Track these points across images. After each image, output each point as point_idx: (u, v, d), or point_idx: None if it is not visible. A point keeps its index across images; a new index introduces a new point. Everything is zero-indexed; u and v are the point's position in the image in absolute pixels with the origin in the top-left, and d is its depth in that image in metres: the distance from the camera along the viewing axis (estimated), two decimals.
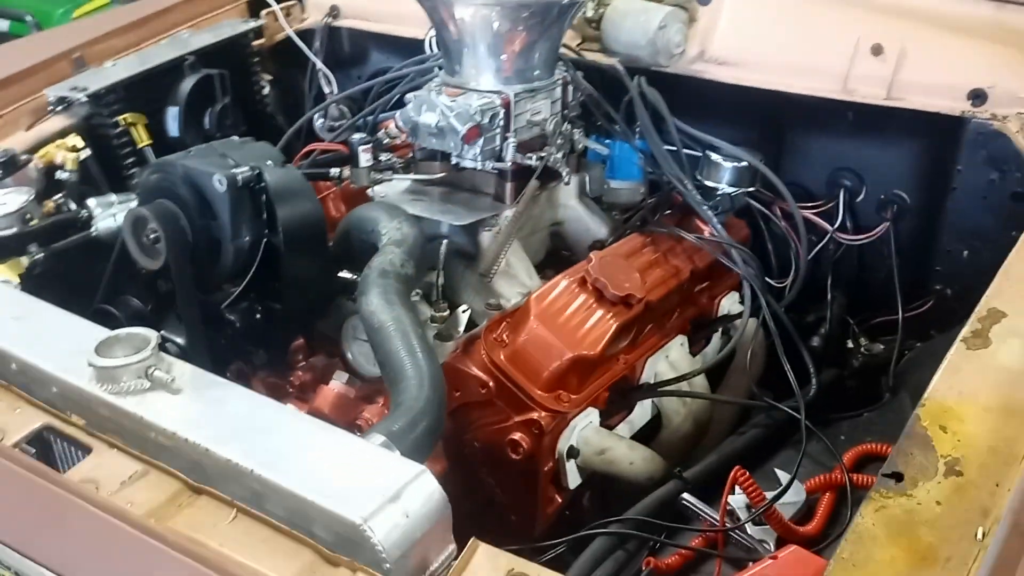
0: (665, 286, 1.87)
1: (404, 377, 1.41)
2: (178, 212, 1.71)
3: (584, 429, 1.73)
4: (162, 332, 1.69)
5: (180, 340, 1.81)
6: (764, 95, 2.14)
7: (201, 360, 1.79)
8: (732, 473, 1.52)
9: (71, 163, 2.16)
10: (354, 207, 2.17)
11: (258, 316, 1.77)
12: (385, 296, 1.55)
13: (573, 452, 1.71)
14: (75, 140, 2.21)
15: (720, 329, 2.20)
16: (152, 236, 1.72)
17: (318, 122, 2.54)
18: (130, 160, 2.23)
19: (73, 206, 2.07)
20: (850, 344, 2.14)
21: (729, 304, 2.24)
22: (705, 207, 1.98)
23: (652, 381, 1.94)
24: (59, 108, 2.26)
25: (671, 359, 1.99)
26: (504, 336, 1.72)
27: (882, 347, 2.12)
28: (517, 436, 1.66)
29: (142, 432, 1.21)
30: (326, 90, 2.76)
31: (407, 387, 1.39)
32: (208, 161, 1.74)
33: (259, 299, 1.77)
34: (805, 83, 2.11)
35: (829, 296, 2.22)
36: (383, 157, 2.11)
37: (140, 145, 2.19)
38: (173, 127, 2.43)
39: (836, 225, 2.20)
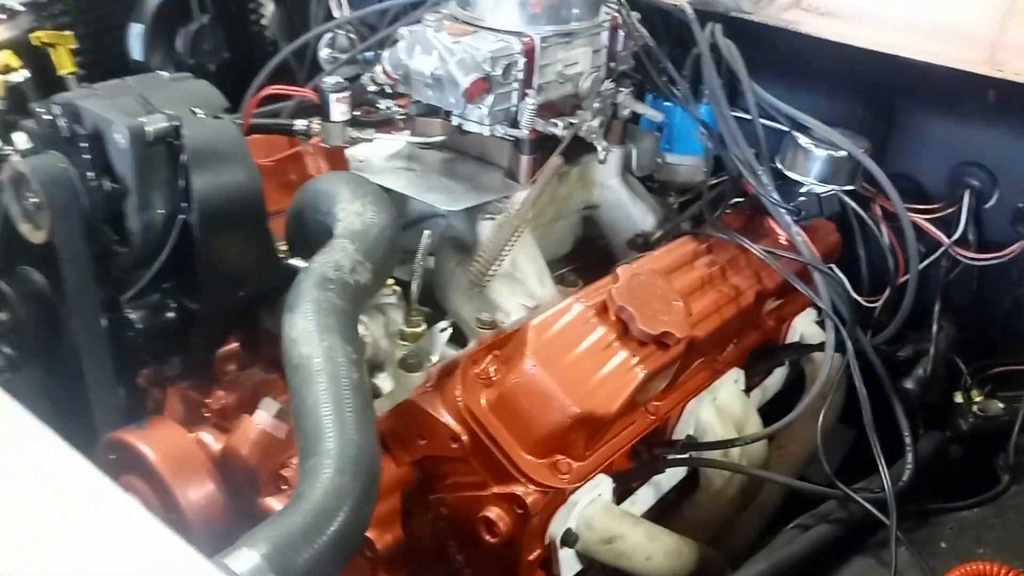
0: (719, 316, 1.39)
1: (318, 451, 0.97)
2: (69, 171, 1.28)
3: (589, 506, 1.28)
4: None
5: None
6: (877, 60, 1.61)
7: (100, 362, 1.38)
8: None
9: None
10: (338, 167, 1.74)
11: (170, 315, 1.34)
12: (318, 318, 1.10)
13: (570, 538, 1.26)
14: (9, 59, 1.81)
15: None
16: (34, 200, 1.29)
17: (323, 51, 2.08)
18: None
19: None
20: (958, 398, 1.63)
21: (803, 325, 1.75)
22: (784, 210, 1.47)
23: (691, 432, 1.48)
24: None
25: (720, 402, 1.52)
26: (490, 372, 1.26)
27: (1002, 406, 1.60)
28: (493, 513, 1.22)
29: None
30: (336, 13, 2.29)
31: (317, 470, 0.95)
32: (115, 104, 1.29)
33: (174, 293, 1.34)
34: (935, 48, 1.57)
35: (935, 327, 1.71)
36: (383, 105, 1.66)
37: (61, 72, 1.75)
38: (136, 48, 2.01)
39: (955, 237, 1.69)
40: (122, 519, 0.85)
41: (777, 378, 1.77)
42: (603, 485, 1.30)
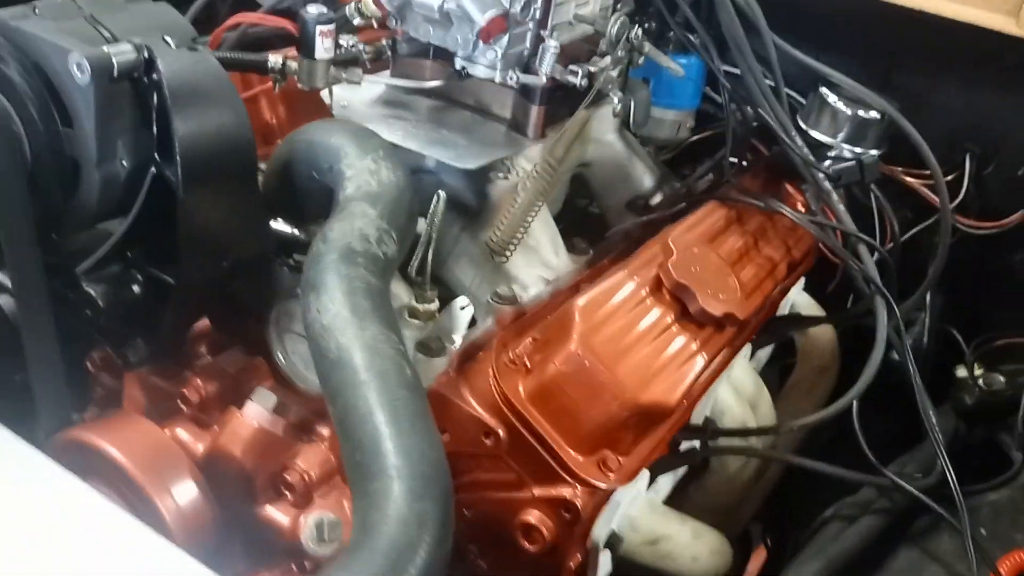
0: (761, 292, 1.27)
1: (382, 470, 0.79)
2: (9, 110, 1.03)
3: (632, 505, 1.15)
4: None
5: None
6: (880, 13, 1.52)
7: (45, 346, 1.14)
8: None
9: None
10: (298, 115, 1.52)
11: (136, 290, 1.11)
12: (353, 300, 0.91)
13: (614, 541, 1.13)
14: None
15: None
16: None
17: None
18: None
19: None
20: (961, 372, 1.59)
21: (794, 294, 1.67)
22: (823, 176, 1.36)
23: (708, 414, 1.37)
24: None
25: (734, 380, 1.41)
26: (527, 358, 1.11)
27: (1004, 380, 1.57)
28: (534, 518, 1.07)
29: None
30: None
31: (386, 496, 0.77)
32: (66, 28, 1.04)
33: (140, 263, 1.11)
34: (956, 5, 1.49)
35: (928, 296, 1.66)
36: (345, 42, 1.43)
37: None
38: None
39: (954, 203, 1.63)
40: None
41: (768, 348, 1.69)
42: (642, 480, 1.17)
